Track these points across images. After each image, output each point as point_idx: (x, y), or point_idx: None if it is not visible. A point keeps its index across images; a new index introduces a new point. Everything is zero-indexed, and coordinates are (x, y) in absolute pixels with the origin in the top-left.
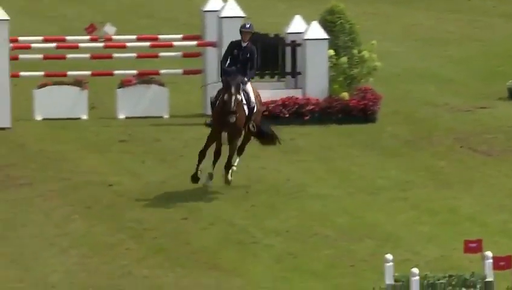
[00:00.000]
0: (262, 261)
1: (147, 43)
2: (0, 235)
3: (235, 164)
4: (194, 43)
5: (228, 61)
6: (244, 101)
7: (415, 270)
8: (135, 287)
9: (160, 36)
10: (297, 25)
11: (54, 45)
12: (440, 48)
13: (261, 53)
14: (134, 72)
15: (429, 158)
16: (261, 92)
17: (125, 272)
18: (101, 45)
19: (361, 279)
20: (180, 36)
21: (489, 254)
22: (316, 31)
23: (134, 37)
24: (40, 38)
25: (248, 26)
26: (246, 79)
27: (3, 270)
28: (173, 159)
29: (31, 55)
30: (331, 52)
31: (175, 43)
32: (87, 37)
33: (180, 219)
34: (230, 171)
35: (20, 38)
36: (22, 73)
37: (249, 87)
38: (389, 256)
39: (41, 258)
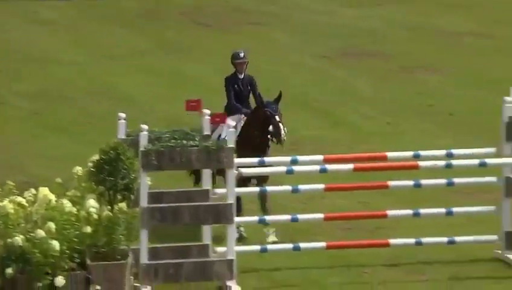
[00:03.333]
0: (13, 121)
1: None
2: None
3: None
4: None
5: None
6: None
7: (144, 126)
8: None
9: None
10: None
11: None
12: None
13: None
14: None
15: (159, 29)
16: None
17: None
18: None
19: (99, 135)
20: None
21: (207, 111)
22: None
23: None
24: None
25: (242, 55)
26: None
27: None
28: None
29: None
30: None
31: None
32: None
33: None
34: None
35: None
36: None
37: None
38: (122, 114)
39: None
